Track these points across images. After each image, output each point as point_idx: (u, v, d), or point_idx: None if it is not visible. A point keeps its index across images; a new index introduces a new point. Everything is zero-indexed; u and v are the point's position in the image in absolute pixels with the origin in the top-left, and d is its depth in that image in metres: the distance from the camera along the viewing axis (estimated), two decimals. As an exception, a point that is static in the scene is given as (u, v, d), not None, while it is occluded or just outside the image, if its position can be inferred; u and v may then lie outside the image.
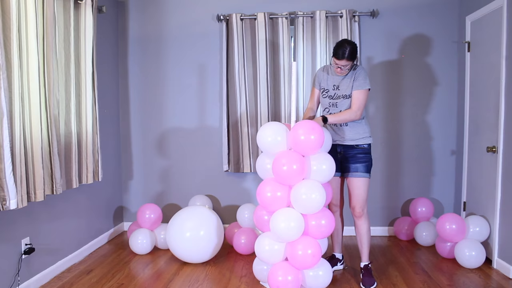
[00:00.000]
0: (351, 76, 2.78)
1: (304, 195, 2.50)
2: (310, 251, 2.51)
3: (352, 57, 2.69)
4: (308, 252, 2.51)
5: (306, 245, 2.53)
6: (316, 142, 2.53)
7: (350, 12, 3.78)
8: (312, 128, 2.51)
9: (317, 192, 2.51)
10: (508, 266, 2.99)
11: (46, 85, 2.67)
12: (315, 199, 2.50)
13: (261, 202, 2.64)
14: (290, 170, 2.49)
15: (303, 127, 2.53)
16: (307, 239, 2.56)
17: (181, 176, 4.16)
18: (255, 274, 2.86)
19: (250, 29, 3.89)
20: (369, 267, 2.90)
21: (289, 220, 2.52)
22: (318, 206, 2.54)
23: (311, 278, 2.62)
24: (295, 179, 2.54)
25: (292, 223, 2.51)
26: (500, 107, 3.07)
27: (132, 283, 2.93)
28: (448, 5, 3.86)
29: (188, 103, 4.10)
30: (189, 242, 3.13)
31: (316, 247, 2.54)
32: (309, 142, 2.52)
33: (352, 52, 2.68)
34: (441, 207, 4.00)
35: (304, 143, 2.53)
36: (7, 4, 2.34)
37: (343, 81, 2.81)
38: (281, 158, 2.53)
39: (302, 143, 2.53)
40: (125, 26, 4.11)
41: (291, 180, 2.55)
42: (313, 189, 2.51)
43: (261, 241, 2.69)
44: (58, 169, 2.77)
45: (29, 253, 2.71)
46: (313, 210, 2.55)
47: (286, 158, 2.52)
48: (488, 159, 3.27)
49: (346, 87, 2.79)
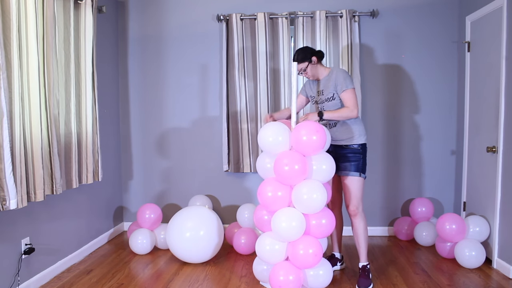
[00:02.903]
0: (333, 80, 2.81)
1: (306, 195, 2.50)
2: (311, 251, 2.52)
3: (301, 59, 2.82)
4: (309, 251, 2.51)
5: (308, 245, 2.53)
6: (318, 142, 2.53)
7: (350, 12, 3.78)
8: (315, 129, 2.51)
9: (319, 192, 2.51)
10: (508, 266, 2.99)
11: (46, 85, 2.67)
12: (317, 199, 2.50)
13: (262, 202, 2.64)
14: (292, 170, 2.50)
15: (306, 128, 2.53)
16: (308, 239, 2.56)
17: (181, 176, 4.16)
18: (255, 274, 2.86)
19: (250, 29, 3.89)
20: (367, 268, 2.88)
21: (291, 219, 2.52)
22: (319, 206, 2.54)
23: (312, 277, 2.62)
24: (296, 179, 2.55)
25: (294, 222, 2.51)
26: (500, 107, 3.07)
27: (132, 283, 2.93)
28: (448, 5, 3.86)
29: (188, 103, 4.10)
30: (189, 242, 3.13)
31: (318, 246, 2.54)
32: (311, 143, 2.52)
33: (299, 55, 2.83)
34: (441, 207, 4.00)
35: (306, 144, 2.53)
36: (7, 4, 2.35)
37: (326, 85, 2.86)
38: (283, 158, 2.53)
39: (304, 144, 2.53)
40: (125, 26, 4.11)
41: (293, 180, 2.55)
42: (315, 189, 2.51)
43: (262, 240, 2.69)
44: (58, 169, 2.77)
45: (29, 253, 2.71)
46: (315, 210, 2.55)
47: (288, 158, 2.52)
48: (488, 159, 3.27)
49: (328, 91, 2.85)
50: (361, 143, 2.85)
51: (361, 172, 2.83)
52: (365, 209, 3.93)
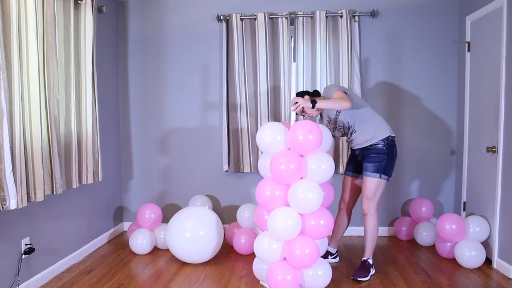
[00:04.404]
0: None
1: (301, 194, 2.51)
2: (307, 251, 2.52)
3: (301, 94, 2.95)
4: (305, 251, 2.51)
5: (304, 245, 2.53)
6: (314, 142, 2.54)
7: (350, 12, 3.78)
8: (310, 128, 2.52)
9: (314, 192, 2.52)
10: (508, 266, 2.99)
11: (46, 85, 2.67)
12: (312, 198, 2.51)
13: (260, 201, 2.65)
14: (287, 169, 2.50)
15: (301, 127, 2.54)
16: (305, 239, 2.56)
17: (181, 176, 4.16)
18: (255, 273, 2.86)
19: (250, 29, 3.89)
20: (367, 262, 2.94)
21: (287, 219, 2.52)
22: (315, 206, 2.54)
23: (310, 277, 2.62)
24: (292, 178, 2.55)
25: (290, 222, 2.52)
26: (500, 107, 3.07)
27: (132, 283, 2.93)
28: (448, 5, 3.86)
29: (188, 103, 4.10)
30: (189, 242, 3.13)
31: (314, 247, 2.54)
32: (307, 142, 2.53)
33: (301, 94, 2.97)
34: (441, 207, 4.00)
35: (302, 143, 2.54)
36: (7, 4, 2.34)
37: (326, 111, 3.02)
38: (279, 158, 2.54)
39: (300, 143, 2.54)
40: (125, 26, 4.11)
41: (288, 179, 2.56)
42: (310, 189, 2.52)
43: (260, 240, 2.69)
44: (58, 169, 2.77)
45: (29, 253, 2.71)
46: (310, 209, 2.55)
47: (283, 157, 2.53)
48: (488, 159, 3.27)
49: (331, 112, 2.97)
50: (384, 137, 2.84)
51: (382, 174, 2.83)
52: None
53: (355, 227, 3.98)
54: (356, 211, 3.43)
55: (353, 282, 2.91)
